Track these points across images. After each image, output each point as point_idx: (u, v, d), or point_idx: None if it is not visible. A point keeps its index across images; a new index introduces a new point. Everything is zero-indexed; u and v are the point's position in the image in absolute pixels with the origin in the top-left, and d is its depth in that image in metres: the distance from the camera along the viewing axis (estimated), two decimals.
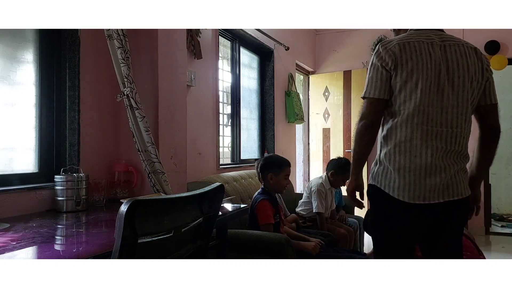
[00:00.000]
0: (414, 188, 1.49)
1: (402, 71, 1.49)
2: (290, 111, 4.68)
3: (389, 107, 1.55)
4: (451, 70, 1.50)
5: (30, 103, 1.95)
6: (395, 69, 1.51)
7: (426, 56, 1.49)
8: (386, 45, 1.54)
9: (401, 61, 1.50)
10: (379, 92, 1.52)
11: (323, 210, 3.08)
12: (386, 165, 1.54)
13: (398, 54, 1.50)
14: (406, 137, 1.50)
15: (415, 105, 1.48)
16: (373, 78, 1.54)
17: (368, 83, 1.55)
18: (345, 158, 3.52)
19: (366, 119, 1.54)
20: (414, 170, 1.49)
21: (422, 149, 1.49)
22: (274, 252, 2.14)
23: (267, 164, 2.58)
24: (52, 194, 1.86)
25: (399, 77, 1.50)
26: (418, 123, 1.49)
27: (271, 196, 2.55)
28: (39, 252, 1.20)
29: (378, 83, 1.53)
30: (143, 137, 2.04)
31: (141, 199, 0.96)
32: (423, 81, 1.48)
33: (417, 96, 1.48)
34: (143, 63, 2.21)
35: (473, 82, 1.52)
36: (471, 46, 1.57)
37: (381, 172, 1.56)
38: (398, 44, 1.52)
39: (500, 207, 6.05)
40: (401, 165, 1.50)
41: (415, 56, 1.49)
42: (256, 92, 4.37)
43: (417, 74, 1.48)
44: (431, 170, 1.48)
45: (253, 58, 4.33)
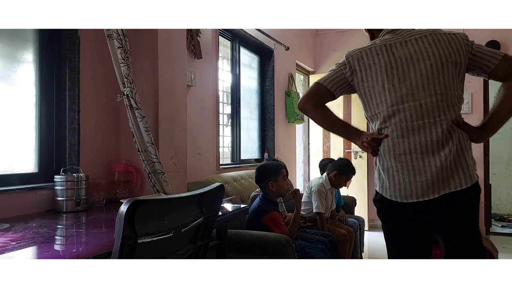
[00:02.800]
0: (405, 187, 1.46)
1: (367, 77, 1.53)
2: (290, 111, 4.68)
3: (368, 113, 1.58)
4: (418, 62, 1.48)
5: (30, 103, 1.95)
6: (355, 75, 1.55)
7: (389, 57, 1.50)
8: (349, 54, 1.60)
9: (364, 68, 1.53)
10: (327, 83, 1.59)
11: (323, 210, 3.08)
12: (378, 167, 1.56)
13: (361, 60, 1.54)
14: (388, 137, 1.50)
15: (387, 106, 1.49)
16: (331, 72, 1.61)
17: (326, 75, 1.62)
18: (346, 158, 3.53)
19: (303, 103, 1.64)
20: (402, 169, 1.47)
21: (405, 146, 1.46)
22: (274, 252, 2.14)
23: (263, 174, 2.59)
24: (52, 194, 1.86)
25: (365, 83, 1.54)
26: (396, 121, 1.48)
27: (274, 203, 2.56)
28: (39, 252, 1.20)
29: (330, 76, 1.60)
30: (143, 137, 2.04)
31: (141, 199, 0.96)
32: (390, 82, 1.49)
33: (387, 97, 1.49)
34: (143, 63, 2.21)
35: (449, 66, 1.47)
36: (441, 32, 1.53)
37: (376, 176, 1.58)
38: (361, 52, 1.56)
39: (500, 207, 6.06)
40: (389, 165, 1.50)
41: (377, 60, 1.51)
42: (256, 92, 4.37)
43: (381, 76, 1.50)
44: (419, 165, 1.45)
45: (253, 58, 4.33)
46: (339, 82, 1.59)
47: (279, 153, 4.49)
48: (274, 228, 2.39)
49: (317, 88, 1.61)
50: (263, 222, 2.43)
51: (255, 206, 2.53)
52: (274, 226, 2.41)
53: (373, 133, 1.56)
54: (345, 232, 3.05)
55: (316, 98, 1.62)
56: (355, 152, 5.17)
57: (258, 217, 2.45)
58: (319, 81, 1.60)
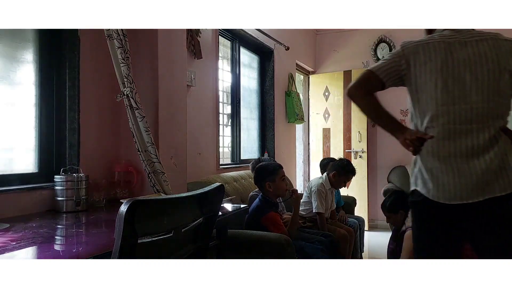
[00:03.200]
0: (449, 189, 1.43)
1: (421, 72, 1.49)
2: (290, 111, 4.68)
3: (415, 109, 1.54)
4: (475, 66, 1.45)
5: (30, 103, 1.95)
6: (408, 68, 1.50)
7: (446, 55, 1.46)
8: (405, 45, 1.54)
9: (419, 62, 1.49)
10: (380, 72, 1.53)
11: (323, 210, 3.07)
12: (420, 167, 1.52)
13: (417, 54, 1.49)
14: (434, 138, 1.46)
15: (437, 106, 1.46)
16: (384, 61, 1.55)
17: (378, 62, 1.57)
18: (346, 159, 3.52)
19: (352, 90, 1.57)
20: (447, 171, 1.44)
21: (451, 148, 1.44)
22: (274, 252, 2.14)
23: (261, 174, 2.59)
24: (52, 194, 1.86)
25: (418, 78, 1.50)
26: (444, 122, 1.45)
27: (272, 203, 2.56)
28: (39, 252, 1.20)
29: (383, 65, 1.54)
30: (143, 137, 2.04)
31: (141, 199, 0.96)
32: (443, 81, 1.45)
33: (438, 96, 1.46)
34: (143, 63, 2.21)
35: (505, 74, 1.44)
36: (502, 38, 1.49)
37: (417, 175, 1.53)
38: (417, 45, 1.51)
39: None
40: (433, 166, 1.47)
41: (434, 56, 1.47)
42: (256, 92, 4.37)
43: (436, 74, 1.46)
44: (464, 168, 1.43)
45: (253, 58, 4.33)
46: (392, 73, 1.53)
47: (279, 153, 4.50)
48: (273, 229, 2.39)
49: (369, 76, 1.55)
50: (262, 223, 2.43)
51: (254, 207, 2.53)
52: (273, 226, 2.41)
53: (418, 132, 1.52)
54: (345, 232, 3.05)
55: (367, 86, 1.56)
56: (355, 152, 5.17)
57: (257, 217, 2.45)
58: (372, 69, 1.55)
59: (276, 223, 2.42)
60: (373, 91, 1.57)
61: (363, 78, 1.57)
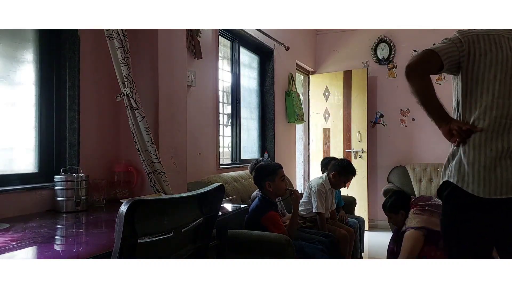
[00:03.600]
0: (490, 184, 1.44)
1: (480, 62, 1.48)
2: (290, 111, 4.68)
3: (466, 98, 1.52)
4: None
5: (30, 103, 1.95)
6: (468, 55, 1.49)
7: (506, 49, 1.47)
8: (464, 33, 1.52)
9: (479, 51, 1.48)
10: (442, 54, 1.50)
11: (323, 210, 3.07)
12: (461, 159, 1.51)
13: (477, 43, 1.49)
14: (483, 130, 1.47)
15: (493, 98, 1.46)
16: (444, 44, 1.53)
17: (437, 44, 1.54)
18: (347, 159, 3.52)
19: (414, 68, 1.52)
20: (490, 165, 1.45)
21: (498, 143, 1.45)
22: (274, 252, 2.14)
23: (260, 174, 2.60)
24: (52, 194, 1.86)
25: (475, 68, 1.48)
26: (497, 116, 1.45)
27: (272, 203, 2.56)
28: (39, 252, 1.20)
29: (445, 47, 1.51)
30: (143, 137, 2.04)
31: (141, 199, 0.96)
32: (502, 74, 1.46)
33: (495, 88, 1.46)
34: (143, 63, 2.20)
35: None
36: None
37: (453, 167, 1.53)
38: (477, 35, 1.50)
39: None
40: (476, 159, 1.47)
41: (495, 48, 1.47)
42: (256, 92, 4.37)
43: (495, 66, 1.46)
44: (506, 164, 1.44)
45: (253, 58, 4.33)
46: (453, 56, 1.51)
47: (279, 153, 4.50)
48: (272, 228, 2.39)
49: (430, 56, 1.51)
50: (262, 223, 2.43)
51: (253, 207, 2.53)
52: (272, 226, 2.41)
53: (466, 124, 1.51)
54: (345, 232, 3.05)
55: (428, 65, 1.53)
56: (355, 152, 5.17)
57: (257, 217, 2.46)
58: (434, 49, 1.51)
59: (275, 223, 2.43)
60: (431, 72, 1.54)
61: (424, 57, 1.52)
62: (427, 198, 2.77)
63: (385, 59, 5.29)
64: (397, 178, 4.99)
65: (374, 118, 5.37)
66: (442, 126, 1.55)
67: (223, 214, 1.76)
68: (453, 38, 1.53)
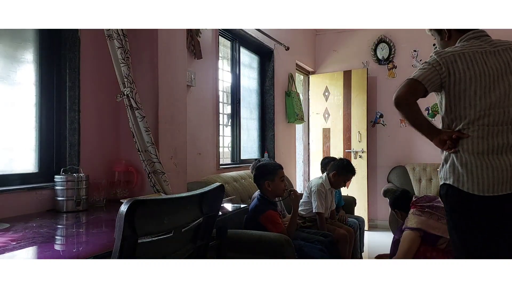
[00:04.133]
0: (483, 182, 1.57)
1: (461, 80, 1.61)
2: (290, 111, 4.68)
3: (449, 113, 1.67)
4: (506, 73, 1.60)
5: (30, 103, 1.95)
6: (448, 76, 1.62)
7: (482, 64, 1.61)
8: (441, 54, 1.65)
9: (458, 71, 1.61)
10: (426, 81, 1.63)
11: (323, 210, 3.08)
12: (454, 163, 1.64)
13: (455, 63, 1.61)
14: (469, 137, 1.61)
15: (475, 111, 1.60)
16: (424, 70, 1.64)
17: (418, 72, 1.65)
18: (346, 159, 3.52)
19: (403, 99, 1.64)
20: (481, 165, 1.58)
21: (484, 146, 1.59)
22: (274, 252, 2.14)
23: (260, 173, 2.60)
24: (52, 194, 1.86)
25: (457, 86, 1.62)
26: (480, 124, 1.60)
27: (271, 202, 2.56)
28: (39, 252, 1.20)
29: (427, 74, 1.63)
30: (143, 137, 2.04)
31: (141, 199, 0.96)
32: (482, 89, 1.60)
33: (477, 103, 1.60)
34: (143, 63, 2.21)
35: None
36: None
37: (448, 171, 1.65)
38: (453, 55, 1.63)
39: None
40: (467, 161, 1.61)
41: (471, 66, 1.60)
42: (256, 92, 4.37)
43: (475, 82, 1.60)
44: (496, 163, 1.57)
45: (253, 58, 4.33)
46: (435, 81, 1.64)
47: (279, 153, 4.50)
48: (271, 227, 2.39)
49: (416, 86, 1.64)
50: (260, 222, 2.43)
51: (252, 206, 2.54)
52: (271, 225, 2.41)
53: (455, 132, 1.66)
54: (345, 232, 3.05)
55: (414, 95, 1.66)
56: (355, 152, 5.17)
57: (255, 216, 2.46)
58: (417, 79, 1.64)
59: (274, 222, 2.43)
60: (417, 99, 1.68)
61: (411, 87, 1.65)
62: (430, 198, 2.78)
63: (385, 59, 5.29)
64: (397, 178, 4.99)
65: (374, 118, 5.37)
66: (433, 138, 1.70)
67: (223, 214, 1.77)
68: (432, 61, 1.66)
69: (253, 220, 2.45)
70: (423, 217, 2.59)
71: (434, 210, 2.62)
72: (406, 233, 2.59)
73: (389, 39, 5.26)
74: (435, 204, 2.68)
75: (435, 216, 2.57)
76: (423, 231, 2.53)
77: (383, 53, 5.30)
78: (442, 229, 2.47)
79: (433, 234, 2.48)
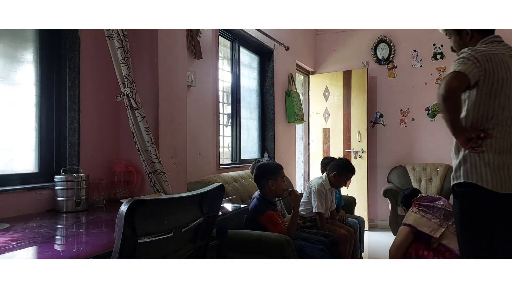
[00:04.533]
0: (505, 180, 1.64)
1: (494, 80, 1.64)
2: (290, 111, 4.68)
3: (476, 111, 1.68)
4: None
5: (30, 103, 1.95)
6: (484, 73, 1.63)
7: (510, 67, 1.66)
8: (478, 51, 1.65)
9: (493, 70, 1.63)
10: (471, 75, 1.62)
11: (323, 210, 3.08)
12: (475, 161, 1.68)
13: (489, 62, 1.64)
14: (494, 137, 1.66)
15: (503, 111, 1.65)
16: (466, 64, 1.63)
17: (458, 66, 1.64)
18: (346, 158, 3.52)
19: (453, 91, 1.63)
20: (503, 164, 1.65)
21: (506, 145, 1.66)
22: (274, 252, 2.14)
23: (263, 172, 2.59)
24: (52, 194, 1.86)
25: (490, 85, 1.64)
26: (507, 125, 1.67)
27: (271, 202, 2.56)
28: (39, 252, 1.20)
29: (471, 69, 1.62)
30: (143, 137, 2.04)
31: (141, 199, 0.96)
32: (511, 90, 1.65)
33: (506, 104, 1.65)
34: (143, 63, 2.21)
35: None
36: None
37: (469, 169, 1.68)
38: (488, 54, 1.65)
39: None
40: (490, 160, 1.66)
41: (502, 67, 1.64)
42: (256, 92, 4.37)
43: (506, 84, 1.64)
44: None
45: (253, 58, 4.33)
46: (475, 75, 1.64)
47: (279, 153, 4.50)
48: (271, 227, 2.39)
49: (463, 78, 1.63)
50: (260, 222, 2.43)
51: (252, 206, 2.54)
52: (271, 224, 2.41)
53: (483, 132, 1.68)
54: (345, 232, 3.05)
55: (463, 88, 1.66)
56: (355, 152, 5.17)
57: (255, 217, 2.46)
58: (464, 72, 1.62)
59: (274, 222, 2.43)
60: (462, 88, 1.67)
61: (459, 80, 1.64)
62: (433, 199, 2.85)
63: (385, 59, 5.30)
64: (397, 178, 5.00)
65: (374, 118, 5.37)
66: (459, 136, 1.70)
67: (223, 214, 1.77)
68: (470, 57, 1.65)
69: (253, 220, 2.45)
70: (417, 215, 2.75)
71: (430, 210, 2.71)
72: (401, 228, 2.80)
73: (389, 39, 5.26)
74: (435, 205, 2.73)
75: (428, 215, 2.69)
76: (414, 228, 2.65)
77: (383, 53, 5.30)
78: (431, 228, 2.60)
79: (424, 232, 2.57)
